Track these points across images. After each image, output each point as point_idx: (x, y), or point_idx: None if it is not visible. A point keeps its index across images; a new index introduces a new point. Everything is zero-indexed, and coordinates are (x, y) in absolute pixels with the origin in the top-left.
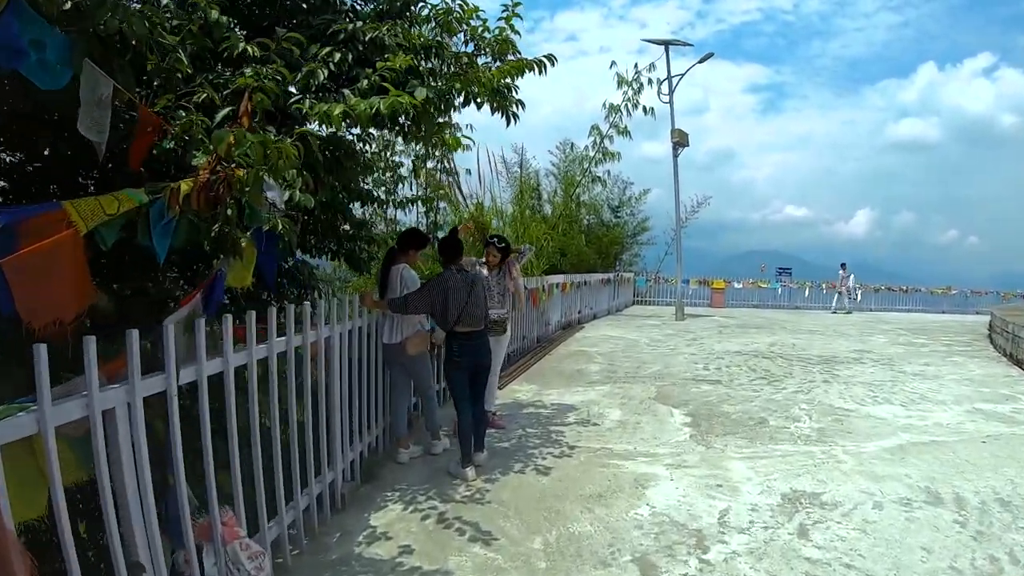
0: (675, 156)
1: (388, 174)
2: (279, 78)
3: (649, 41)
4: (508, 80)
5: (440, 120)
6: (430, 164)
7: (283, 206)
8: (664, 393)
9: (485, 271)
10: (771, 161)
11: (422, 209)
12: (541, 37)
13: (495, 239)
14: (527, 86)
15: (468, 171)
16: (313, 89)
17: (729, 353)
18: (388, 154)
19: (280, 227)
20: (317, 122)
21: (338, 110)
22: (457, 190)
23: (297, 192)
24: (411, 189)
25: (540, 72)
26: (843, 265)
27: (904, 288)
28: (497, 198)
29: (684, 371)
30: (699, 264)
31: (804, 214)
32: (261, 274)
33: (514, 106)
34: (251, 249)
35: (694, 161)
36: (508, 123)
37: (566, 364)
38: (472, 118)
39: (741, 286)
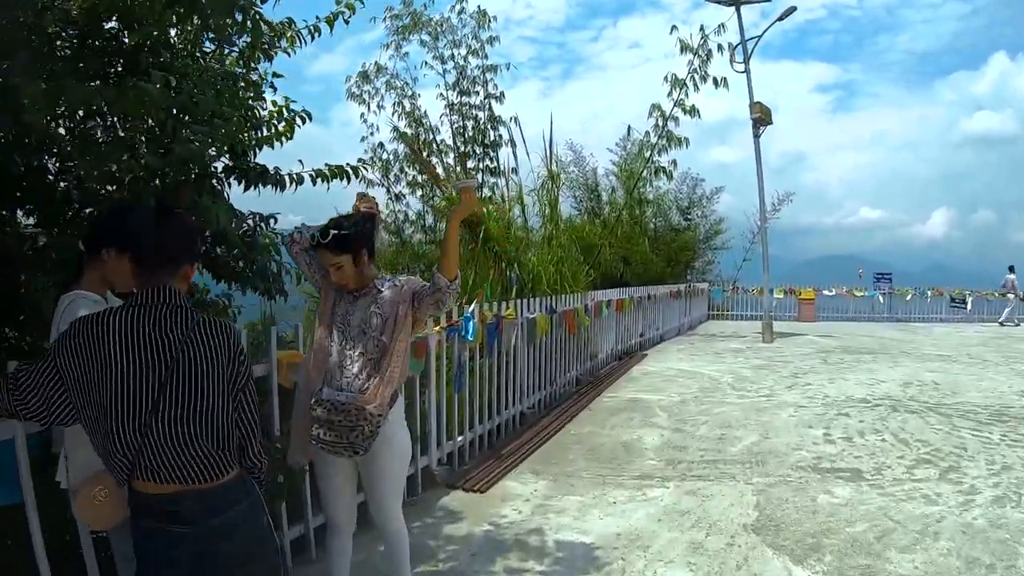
0: (756, 136)
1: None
2: None
3: (714, 0)
4: None
5: None
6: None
7: None
8: (770, 512)
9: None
10: (843, 162)
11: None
12: (605, 45)
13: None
14: (592, 97)
15: (515, 170)
16: None
17: (853, 403)
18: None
19: None
20: None
21: None
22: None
23: None
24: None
25: None
26: (1011, 268)
27: (1022, 295)
28: (521, 185)
29: (795, 446)
30: (772, 271)
31: (879, 216)
32: None
33: None
34: None
35: (765, 164)
36: None
37: (608, 431)
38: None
39: (833, 294)
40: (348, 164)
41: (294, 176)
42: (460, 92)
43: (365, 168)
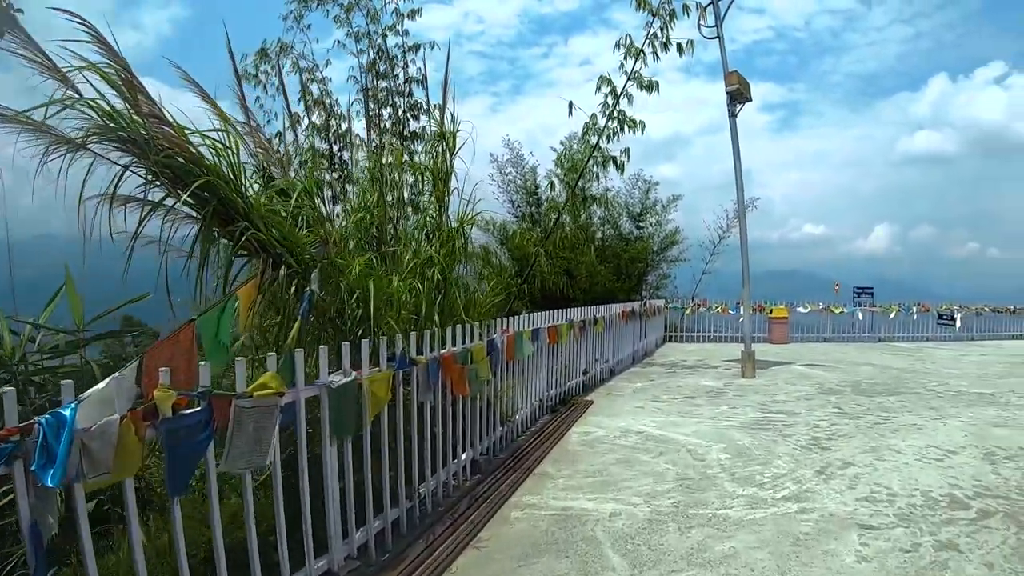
0: (732, 115)
1: None
2: None
3: None
4: None
5: None
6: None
7: None
8: None
9: None
10: (788, 180)
11: None
12: (555, 62)
13: None
14: (543, 113)
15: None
16: None
17: (939, 507)
18: None
19: None
20: None
21: None
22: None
23: None
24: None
25: None
26: None
27: (1012, 309)
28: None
29: None
30: (719, 287)
31: (822, 232)
32: None
33: None
34: None
35: (708, 181)
36: None
37: None
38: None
39: (808, 311)
40: None
41: None
42: (377, 75)
43: None
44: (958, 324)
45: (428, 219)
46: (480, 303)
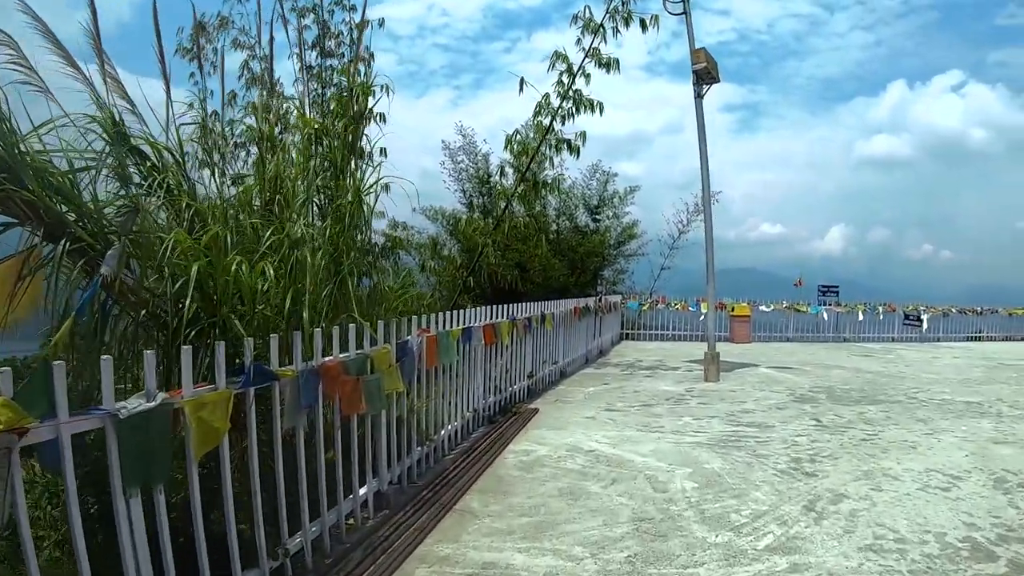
0: (698, 96)
1: None
2: None
3: None
4: None
5: None
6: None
7: None
8: None
9: None
10: (746, 179)
11: None
12: (518, 57)
13: None
14: (503, 106)
15: (383, 150)
16: None
17: (959, 558)
18: None
19: None
20: None
21: None
22: None
23: None
24: None
25: None
26: None
27: (979, 310)
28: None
29: None
30: (678, 283)
31: (779, 231)
32: None
33: None
34: None
35: (670, 179)
36: None
37: None
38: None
39: (771, 310)
40: None
41: None
42: (321, 52)
43: None
44: (925, 325)
45: (318, 189)
46: (389, 297)
